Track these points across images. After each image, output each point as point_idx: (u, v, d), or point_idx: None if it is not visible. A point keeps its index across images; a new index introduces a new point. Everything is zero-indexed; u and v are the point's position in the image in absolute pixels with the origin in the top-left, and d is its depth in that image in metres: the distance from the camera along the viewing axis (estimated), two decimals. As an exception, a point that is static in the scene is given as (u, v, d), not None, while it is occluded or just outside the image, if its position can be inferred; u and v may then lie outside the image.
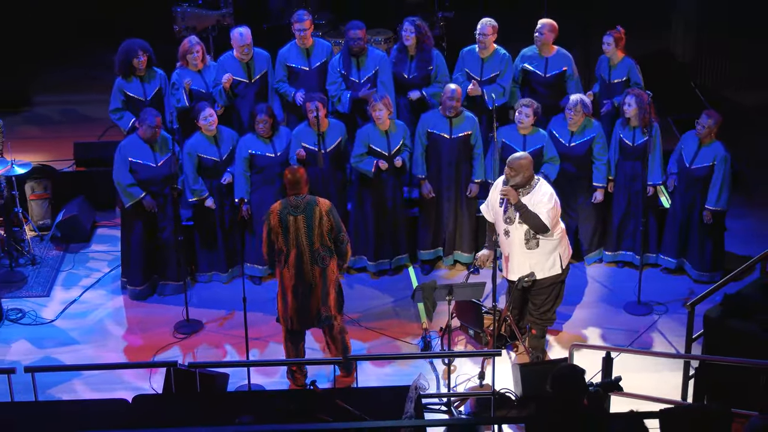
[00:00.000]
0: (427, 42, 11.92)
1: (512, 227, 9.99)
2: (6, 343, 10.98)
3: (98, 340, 11.07)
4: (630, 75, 11.92)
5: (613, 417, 8.12)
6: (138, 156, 11.22)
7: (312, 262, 9.72)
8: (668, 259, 11.77)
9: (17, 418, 9.02)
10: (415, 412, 8.57)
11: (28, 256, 12.26)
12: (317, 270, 9.76)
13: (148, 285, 11.64)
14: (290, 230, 9.68)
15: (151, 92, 11.93)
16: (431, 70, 11.96)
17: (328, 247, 9.78)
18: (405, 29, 11.85)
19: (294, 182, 9.74)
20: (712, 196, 11.26)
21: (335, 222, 9.76)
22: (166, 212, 11.40)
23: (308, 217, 9.67)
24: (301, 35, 11.85)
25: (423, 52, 11.91)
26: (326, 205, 9.76)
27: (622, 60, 11.96)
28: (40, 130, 14.59)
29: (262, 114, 11.25)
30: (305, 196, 9.75)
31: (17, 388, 9.38)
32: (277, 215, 9.71)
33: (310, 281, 9.77)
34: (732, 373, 9.35)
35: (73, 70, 15.95)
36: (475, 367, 10.32)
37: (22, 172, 11.99)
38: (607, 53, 12.00)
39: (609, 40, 11.90)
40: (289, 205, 9.71)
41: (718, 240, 11.58)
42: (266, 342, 10.79)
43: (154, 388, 10.09)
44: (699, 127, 11.29)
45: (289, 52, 12.00)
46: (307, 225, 9.67)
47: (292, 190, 9.74)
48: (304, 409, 8.47)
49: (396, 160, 11.41)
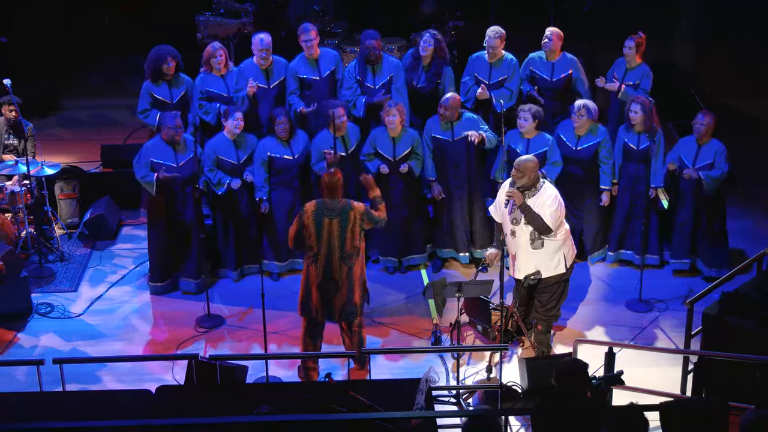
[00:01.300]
0: (442, 56, 11.91)
1: (518, 228, 9.98)
2: (35, 336, 11.00)
3: (123, 333, 11.08)
4: (642, 81, 11.91)
5: (614, 409, 8.10)
6: (160, 157, 11.22)
7: (341, 260, 9.72)
8: (682, 261, 11.70)
9: (46, 407, 9.06)
10: (425, 403, 8.57)
11: (57, 253, 12.28)
12: (345, 268, 9.75)
13: (171, 281, 11.66)
14: (323, 231, 9.66)
15: (177, 96, 11.95)
16: (439, 84, 11.96)
17: (357, 248, 9.78)
18: (425, 40, 11.84)
19: (331, 186, 9.72)
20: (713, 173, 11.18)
21: (372, 219, 9.75)
22: (188, 211, 11.41)
23: (343, 220, 9.65)
24: (308, 46, 11.84)
25: (436, 66, 11.90)
26: (360, 209, 9.74)
27: (640, 65, 11.99)
28: (69, 133, 14.64)
29: (281, 116, 11.27)
30: (341, 200, 9.74)
31: (46, 378, 9.40)
32: (312, 215, 9.70)
33: (337, 279, 9.76)
34: (729, 368, 9.34)
35: (100, 77, 16.00)
36: (484, 361, 10.33)
37: (51, 172, 12.03)
38: (626, 56, 12.02)
39: (630, 44, 11.93)
40: (325, 207, 9.70)
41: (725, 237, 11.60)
42: (283, 336, 10.79)
43: (177, 379, 10.10)
44: (697, 126, 11.27)
45: (298, 64, 11.99)
46: (341, 228, 9.65)
47: (329, 194, 9.72)
48: (319, 400, 8.47)
49: (402, 166, 11.38)
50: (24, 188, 11.93)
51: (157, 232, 11.46)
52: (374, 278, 11.73)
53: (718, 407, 7.33)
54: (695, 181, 11.23)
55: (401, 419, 8.16)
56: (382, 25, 12.74)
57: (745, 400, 8.85)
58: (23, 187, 11.93)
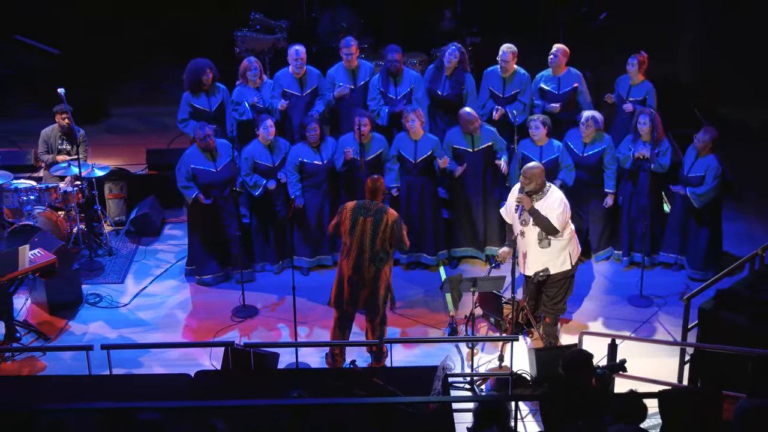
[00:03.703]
0: (465, 66, 11.93)
1: (527, 228, 9.98)
2: (85, 324, 11.04)
3: (165, 322, 11.11)
4: (647, 97, 11.88)
5: (616, 396, 8.09)
6: (199, 163, 11.27)
7: (371, 260, 9.71)
8: (669, 255, 11.71)
9: (94, 389, 9.11)
10: (442, 389, 8.58)
11: (106, 248, 12.33)
12: (373, 269, 9.74)
13: (212, 274, 11.69)
14: (357, 228, 9.68)
15: (215, 105, 11.98)
16: (463, 90, 11.96)
17: (387, 251, 9.77)
18: (450, 52, 11.84)
19: (373, 189, 9.75)
20: (699, 189, 11.18)
21: (398, 232, 9.72)
22: (228, 211, 11.45)
23: (376, 221, 9.66)
24: (348, 59, 11.90)
25: (458, 75, 11.91)
26: (393, 216, 9.73)
27: (643, 82, 11.94)
28: (118, 138, 14.67)
29: (312, 123, 11.32)
30: (378, 203, 9.76)
31: (94, 363, 9.45)
32: (350, 212, 9.72)
33: (365, 276, 9.77)
34: (723, 359, 9.31)
35: (145, 86, 16.05)
36: (496, 350, 10.32)
37: (101, 174, 12.12)
38: (630, 73, 11.97)
39: (633, 62, 11.88)
40: (363, 206, 9.72)
41: (715, 239, 11.55)
42: (312, 325, 10.80)
43: (214, 364, 10.12)
44: (696, 141, 11.25)
45: (336, 72, 12.04)
46: (374, 227, 9.66)
47: (370, 195, 9.75)
48: (345, 385, 8.49)
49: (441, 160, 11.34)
50: (76, 188, 11.99)
51: (197, 229, 11.50)
52: (394, 274, 11.70)
53: (712, 396, 7.33)
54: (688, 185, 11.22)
55: (419, 403, 8.17)
56: (404, 41, 12.74)
57: (738, 389, 8.80)
58: (75, 187, 11.99)
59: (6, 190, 11.87)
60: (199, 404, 8.10)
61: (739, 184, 12.87)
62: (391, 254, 9.86)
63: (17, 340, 10.62)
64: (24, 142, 13.91)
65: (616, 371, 9.03)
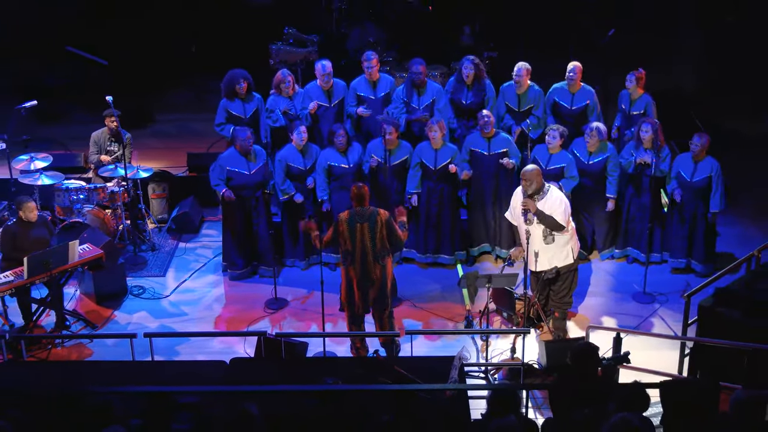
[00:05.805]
0: (482, 75, 11.93)
1: (532, 227, 10.00)
2: (129, 314, 11.10)
3: (203, 312, 11.15)
4: (647, 110, 11.83)
5: (621, 386, 8.07)
6: (235, 165, 11.30)
7: (374, 259, 9.75)
8: (679, 260, 11.60)
9: (137, 374, 9.15)
10: (458, 377, 8.58)
11: (149, 244, 12.39)
12: (378, 267, 9.78)
13: (244, 269, 11.72)
14: (356, 234, 9.71)
15: (250, 111, 12.02)
16: (485, 96, 11.97)
17: (387, 249, 9.81)
18: (466, 67, 11.86)
19: (360, 196, 9.78)
20: (714, 202, 11.17)
21: (392, 227, 9.77)
22: (259, 210, 11.48)
23: (371, 224, 9.70)
24: (369, 71, 11.92)
25: (479, 84, 11.92)
26: (385, 215, 9.79)
27: (642, 96, 11.89)
28: (161, 142, 14.73)
29: (340, 130, 11.34)
30: (368, 207, 9.79)
31: (138, 349, 9.52)
32: (346, 223, 9.74)
33: (372, 276, 9.80)
34: (721, 353, 9.27)
35: (187, 94, 16.10)
36: (508, 342, 10.32)
37: (145, 175, 12.16)
38: (629, 89, 11.93)
39: (632, 78, 11.84)
40: (356, 214, 9.75)
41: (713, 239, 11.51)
42: (339, 317, 10.81)
43: (248, 352, 10.16)
44: (693, 146, 11.19)
45: (359, 83, 12.06)
46: (371, 230, 9.70)
47: (358, 202, 9.78)
48: (368, 373, 8.50)
49: (451, 166, 11.37)
50: (122, 188, 12.05)
51: (232, 227, 11.53)
52: (414, 271, 11.76)
53: (710, 387, 7.31)
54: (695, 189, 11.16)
55: (437, 390, 8.17)
56: (426, 55, 12.75)
57: (734, 380, 8.79)
58: (121, 187, 12.05)
59: (58, 189, 11.95)
60: (234, 389, 8.11)
61: (735, 189, 12.78)
62: (390, 249, 9.88)
63: (67, 327, 10.70)
64: (74, 146, 14.01)
65: (621, 363, 9.03)
